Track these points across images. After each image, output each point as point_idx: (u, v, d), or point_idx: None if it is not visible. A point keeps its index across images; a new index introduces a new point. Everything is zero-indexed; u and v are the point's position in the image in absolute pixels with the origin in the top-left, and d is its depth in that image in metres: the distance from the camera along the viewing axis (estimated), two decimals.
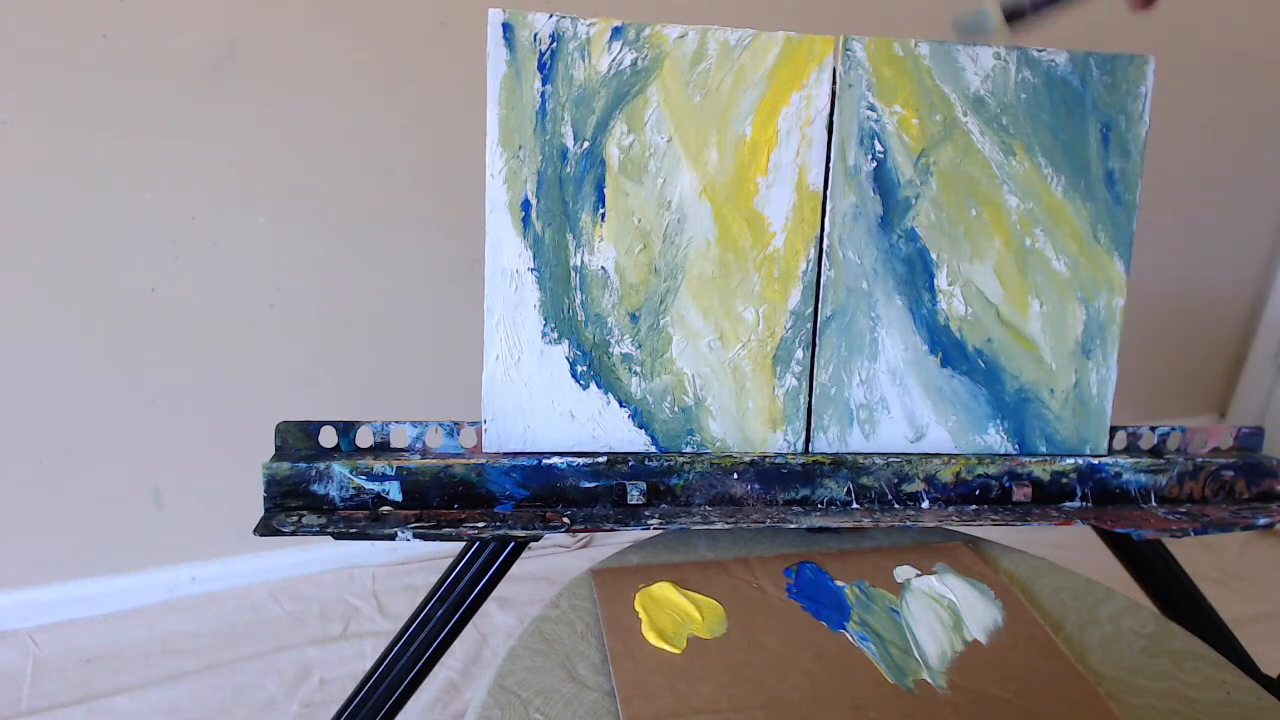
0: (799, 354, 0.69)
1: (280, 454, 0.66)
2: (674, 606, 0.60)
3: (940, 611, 0.61)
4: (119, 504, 1.18)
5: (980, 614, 0.61)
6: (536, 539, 0.64)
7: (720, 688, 0.53)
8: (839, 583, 0.64)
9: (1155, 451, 0.76)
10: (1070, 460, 0.72)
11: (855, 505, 0.70)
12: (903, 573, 0.65)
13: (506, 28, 0.63)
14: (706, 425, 0.69)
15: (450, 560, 0.68)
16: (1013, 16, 0.57)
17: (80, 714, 1.02)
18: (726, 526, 0.65)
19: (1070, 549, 0.95)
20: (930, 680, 0.55)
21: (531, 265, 0.66)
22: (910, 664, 0.56)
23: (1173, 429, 0.76)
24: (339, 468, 0.65)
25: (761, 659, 0.56)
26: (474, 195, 0.67)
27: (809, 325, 0.69)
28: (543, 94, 0.64)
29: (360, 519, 0.64)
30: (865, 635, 0.58)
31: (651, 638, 0.57)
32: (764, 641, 0.57)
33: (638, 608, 0.59)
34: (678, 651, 0.56)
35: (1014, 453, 0.73)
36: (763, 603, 0.61)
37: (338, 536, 0.62)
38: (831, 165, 0.67)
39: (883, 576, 0.65)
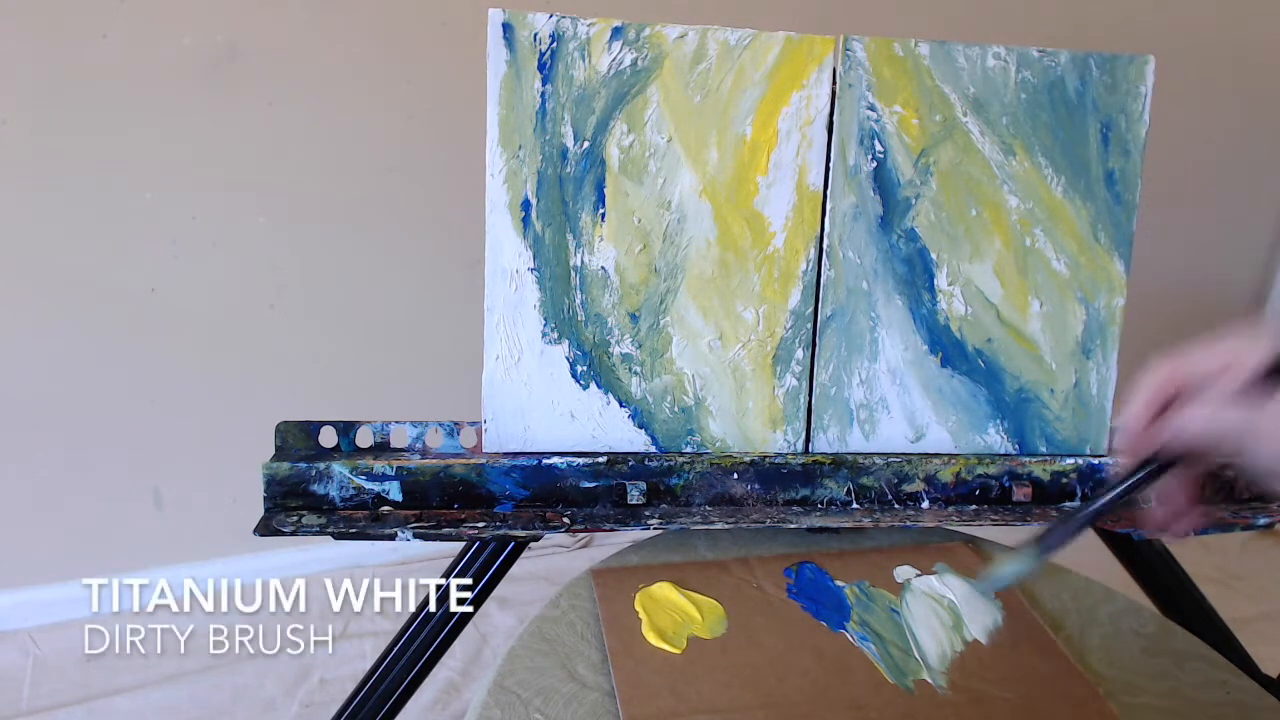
0: (799, 354, 0.69)
1: (280, 454, 0.66)
2: (674, 606, 0.60)
3: (940, 611, 0.61)
4: (119, 504, 1.18)
5: (980, 614, 0.61)
6: (536, 539, 0.64)
7: (720, 688, 0.53)
8: (839, 583, 0.64)
9: None
10: (1070, 460, 0.72)
11: (855, 505, 0.70)
12: (903, 573, 0.65)
13: (506, 28, 0.63)
14: (706, 425, 0.69)
15: (450, 560, 0.68)
16: (1046, 549, 0.54)
17: (80, 714, 1.02)
18: (726, 526, 0.65)
19: (1070, 549, 0.94)
20: (930, 680, 0.55)
21: (531, 265, 0.66)
22: (910, 664, 0.56)
23: None
24: (339, 468, 0.65)
25: (761, 659, 0.56)
26: (474, 195, 0.67)
27: (809, 325, 0.69)
28: (543, 94, 0.64)
29: (360, 519, 0.64)
30: (865, 635, 0.58)
31: (651, 638, 0.57)
32: (764, 641, 0.57)
33: (638, 608, 0.59)
34: (678, 651, 0.56)
35: (1014, 453, 0.72)
36: (763, 603, 0.61)
37: (338, 536, 0.62)
38: (831, 165, 0.67)
39: (883, 576, 0.65)
